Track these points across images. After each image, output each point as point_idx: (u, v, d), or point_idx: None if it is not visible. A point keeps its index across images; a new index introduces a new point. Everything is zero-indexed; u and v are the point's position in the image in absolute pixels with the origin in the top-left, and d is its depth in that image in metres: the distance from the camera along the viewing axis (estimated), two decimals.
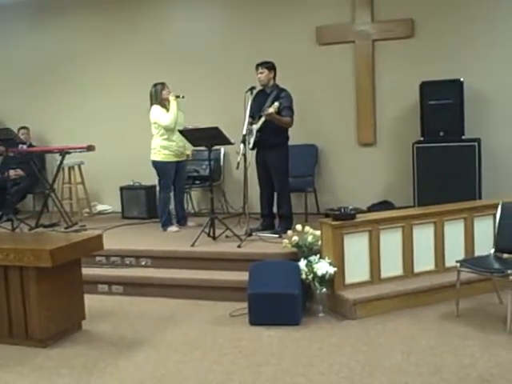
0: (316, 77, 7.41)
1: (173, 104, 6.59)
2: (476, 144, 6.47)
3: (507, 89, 6.81)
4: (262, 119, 6.09)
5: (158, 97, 6.65)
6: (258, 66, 6.28)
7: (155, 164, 6.72)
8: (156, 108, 6.64)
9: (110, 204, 8.43)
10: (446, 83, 6.57)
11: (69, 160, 7.66)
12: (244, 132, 6.05)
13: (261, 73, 6.26)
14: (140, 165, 7.63)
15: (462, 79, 6.54)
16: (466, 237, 5.42)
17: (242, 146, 6.02)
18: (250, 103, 6.12)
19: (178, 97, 6.62)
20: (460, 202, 5.64)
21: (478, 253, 5.33)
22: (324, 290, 4.87)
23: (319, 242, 5.21)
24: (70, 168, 8.07)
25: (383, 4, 7.12)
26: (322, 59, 7.38)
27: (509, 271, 4.36)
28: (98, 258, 5.98)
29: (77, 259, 4.71)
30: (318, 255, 5.04)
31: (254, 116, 6.21)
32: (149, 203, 7.74)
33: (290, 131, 6.32)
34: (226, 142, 6.08)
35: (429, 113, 6.63)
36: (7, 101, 8.77)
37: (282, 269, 4.96)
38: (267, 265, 5.05)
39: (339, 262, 4.96)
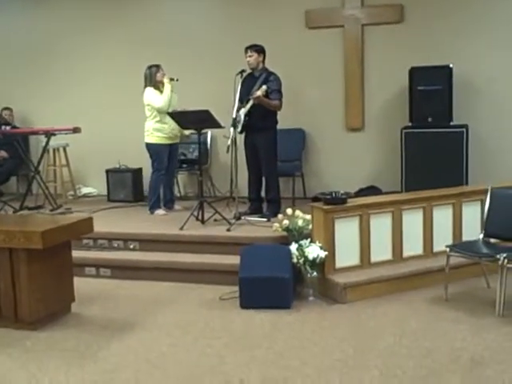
0: (305, 61, 7.38)
1: (167, 87, 6.53)
2: (464, 130, 6.51)
3: (496, 76, 6.86)
4: (250, 102, 6.05)
5: (152, 79, 6.59)
6: (247, 48, 6.24)
7: (148, 146, 6.67)
8: (149, 90, 6.57)
9: (95, 187, 8.36)
10: (435, 69, 6.60)
11: (54, 142, 7.57)
12: (234, 116, 6.03)
13: (250, 56, 6.22)
14: (126, 147, 7.60)
15: (451, 65, 6.56)
16: (454, 222, 5.47)
17: (231, 129, 6.00)
18: (239, 86, 6.08)
19: (172, 79, 6.56)
20: (447, 187, 5.68)
21: (465, 238, 5.39)
22: (315, 273, 4.89)
23: (309, 226, 5.21)
24: (55, 150, 7.99)
25: None
26: (310, 43, 7.36)
27: (497, 255, 4.41)
28: (85, 241, 5.93)
29: (67, 242, 4.67)
30: (309, 239, 5.05)
31: (243, 100, 6.18)
32: (135, 186, 7.69)
33: (279, 115, 6.30)
34: (216, 125, 6.03)
35: (417, 98, 6.65)
36: None
37: (273, 252, 4.97)
38: (258, 248, 5.06)
39: (330, 246, 4.98)
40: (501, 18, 6.81)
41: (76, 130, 7.22)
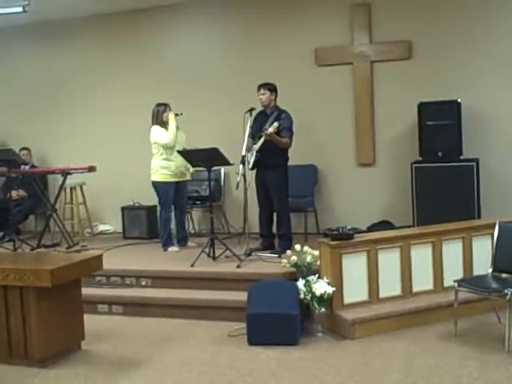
0: (315, 98, 7.48)
1: (171, 122, 6.65)
2: (474, 164, 6.51)
3: (504, 109, 6.88)
4: (262, 139, 6.14)
5: (158, 117, 6.72)
6: (260, 86, 6.36)
7: (155, 184, 6.77)
8: (155, 128, 6.71)
9: (111, 224, 8.47)
10: (443, 104, 6.63)
11: (71, 180, 7.71)
12: (243, 153, 6.11)
13: (262, 94, 6.33)
14: (141, 185, 7.67)
15: (459, 100, 6.59)
16: (464, 256, 5.44)
17: (241, 166, 6.07)
18: (249, 124, 6.19)
19: (177, 114, 6.68)
20: (459, 221, 5.67)
21: (476, 272, 5.34)
22: (323, 309, 4.88)
23: (318, 262, 5.22)
24: (72, 188, 8.14)
25: (381, 26, 7.21)
26: (320, 80, 7.46)
27: (505, 291, 4.38)
28: (98, 278, 6.00)
29: (77, 279, 4.74)
30: (317, 275, 5.06)
31: (255, 136, 6.28)
32: (150, 223, 7.78)
33: (290, 151, 6.37)
34: (224, 162, 6.13)
35: (427, 133, 6.67)
36: (9, 122, 8.86)
37: (280, 289, 4.98)
38: (266, 285, 5.07)
39: (338, 281, 4.98)
40: (508, 52, 6.84)
41: (91, 169, 7.36)
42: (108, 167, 7.87)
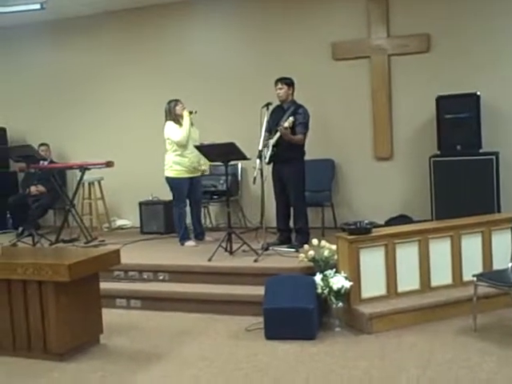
0: (332, 92, 7.46)
1: (186, 120, 6.66)
2: (494, 157, 6.44)
3: None
4: (278, 134, 6.13)
5: (171, 113, 6.74)
6: (277, 81, 6.34)
7: (168, 180, 6.80)
8: (169, 124, 6.72)
9: (129, 219, 8.51)
10: (462, 97, 6.57)
11: (89, 176, 7.76)
12: (260, 147, 6.10)
13: (280, 88, 6.31)
14: (158, 180, 7.66)
15: (478, 93, 6.53)
16: (483, 250, 5.38)
17: (258, 161, 6.06)
18: (266, 118, 6.18)
19: (191, 112, 6.69)
20: (478, 215, 5.61)
21: (496, 267, 5.28)
22: (340, 304, 4.87)
23: (335, 257, 5.20)
24: (90, 184, 8.19)
25: (398, 19, 7.17)
26: (337, 74, 7.43)
27: None
28: (116, 273, 6.03)
29: (95, 273, 4.76)
30: (334, 269, 5.04)
31: (271, 131, 6.26)
32: (167, 218, 7.78)
33: (307, 146, 6.36)
34: (241, 157, 6.13)
35: (445, 127, 6.62)
36: (28, 118, 8.94)
37: (297, 283, 4.96)
38: (283, 279, 5.06)
39: (355, 276, 4.96)
40: None
41: (109, 165, 7.40)
42: (125, 162, 7.92)
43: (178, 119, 6.72)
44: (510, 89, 6.81)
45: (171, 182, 6.78)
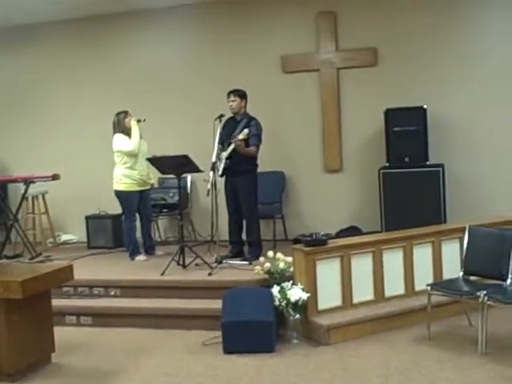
0: (282, 104, 7.51)
1: (134, 129, 6.56)
2: (440, 169, 6.62)
3: (469, 114, 7.02)
4: (232, 146, 6.12)
5: (120, 125, 6.63)
6: (229, 93, 6.32)
7: (118, 194, 6.67)
8: (118, 136, 6.60)
9: (74, 234, 8.29)
10: (409, 110, 6.73)
11: (32, 189, 7.53)
12: (213, 159, 6.07)
13: (233, 100, 6.30)
14: (106, 193, 7.52)
15: (425, 106, 6.70)
16: (434, 260, 5.50)
17: (211, 173, 6.03)
18: (219, 130, 6.15)
19: (139, 121, 6.60)
20: (426, 225, 5.74)
21: (446, 276, 5.41)
22: (297, 316, 4.87)
23: (291, 269, 5.21)
24: (34, 197, 7.93)
25: (347, 33, 7.29)
26: (287, 87, 7.49)
27: (477, 293, 4.44)
28: (65, 289, 5.85)
29: (46, 290, 4.61)
30: (291, 281, 5.04)
31: (224, 143, 6.25)
32: (115, 232, 7.63)
33: (258, 158, 6.36)
34: (195, 169, 6.08)
35: (394, 139, 6.77)
36: None
37: (255, 296, 4.95)
38: (241, 292, 5.02)
39: (312, 287, 4.97)
40: (472, 56, 7.00)
41: (55, 177, 7.21)
42: (72, 176, 7.74)
43: (126, 131, 6.61)
44: (456, 102, 7.02)
45: (121, 195, 6.65)
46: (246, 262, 6.06)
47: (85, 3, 7.49)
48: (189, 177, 7.79)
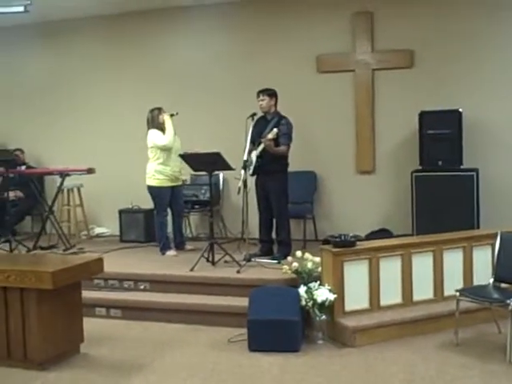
0: (316, 104, 7.49)
1: (168, 123, 6.63)
2: (474, 174, 6.53)
3: (505, 119, 6.91)
4: (261, 146, 6.14)
5: (154, 121, 6.71)
6: (259, 93, 6.35)
7: (150, 189, 6.74)
8: (153, 131, 6.68)
9: (108, 227, 8.42)
10: (444, 113, 6.65)
11: (68, 182, 7.67)
12: (245, 158, 6.10)
13: (262, 100, 6.32)
14: (139, 188, 7.61)
15: (460, 109, 6.62)
16: (464, 266, 5.44)
17: (242, 171, 6.06)
18: (251, 129, 6.18)
19: (172, 115, 6.66)
20: (458, 231, 5.68)
21: (476, 282, 5.34)
22: (324, 317, 4.87)
23: (319, 269, 5.21)
24: (69, 190, 8.08)
25: (383, 34, 7.24)
26: (322, 87, 7.47)
27: (507, 301, 4.38)
28: (96, 281, 5.95)
29: (77, 282, 4.70)
30: (318, 282, 5.05)
31: (255, 142, 6.27)
32: (147, 227, 7.73)
33: (290, 158, 6.36)
34: (226, 167, 6.11)
35: (427, 142, 6.69)
36: (7, 122, 8.80)
37: (282, 295, 4.96)
38: (267, 291, 5.04)
39: (339, 288, 4.97)
40: (510, 63, 6.88)
41: (90, 171, 7.34)
42: (106, 170, 7.83)
43: (161, 127, 6.69)
44: (491, 106, 6.92)
45: (153, 190, 6.73)
46: (275, 261, 6.07)
47: (120, 0, 7.60)
48: (221, 174, 7.84)
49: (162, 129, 6.68)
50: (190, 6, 7.86)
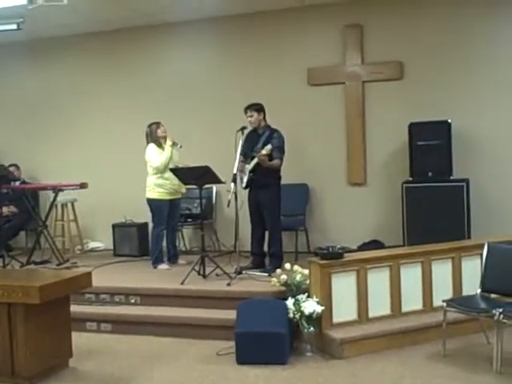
0: (307, 117, 7.54)
1: (167, 149, 6.70)
2: (464, 184, 6.55)
3: (495, 129, 6.94)
4: (255, 160, 6.17)
5: (153, 136, 6.77)
6: (246, 109, 6.39)
7: (149, 202, 6.79)
8: (151, 147, 6.74)
9: (102, 241, 8.44)
10: (434, 124, 6.69)
11: (62, 197, 7.71)
12: (235, 171, 6.13)
13: (250, 116, 6.36)
14: (132, 202, 7.71)
15: (449, 120, 6.65)
16: (453, 276, 5.45)
17: (232, 184, 6.08)
18: (241, 143, 6.21)
19: (175, 144, 6.72)
20: (449, 241, 5.68)
21: (465, 292, 5.34)
22: (312, 329, 4.87)
23: (308, 281, 5.22)
24: (63, 205, 8.11)
25: (373, 46, 7.30)
26: (312, 99, 7.52)
27: (493, 311, 4.38)
28: (87, 296, 5.97)
29: (65, 296, 4.71)
30: (306, 294, 5.05)
31: (247, 156, 6.30)
32: (141, 241, 7.75)
33: (282, 171, 6.39)
34: (216, 180, 6.15)
35: (417, 153, 6.73)
36: (1, 138, 8.85)
37: (269, 307, 4.97)
38: (255, 303, 5.05)
39: (327, 300, 4.97)
40: (498, 73, 6.93)
41: (83, 186, 7.38)
42: (99, 184, 7.89)
43: (159, 142, 6.75)
44: (481, 117, 6.95)
45: (152, 203, 6.78)
46: (266, 274, 6.07)
47: (111, 18, 7.70)
48: (214, 188, 7.87)
49: (160, 143, 6.74)
50: (178, 22, 7.93)
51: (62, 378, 4.58)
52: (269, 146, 6.10)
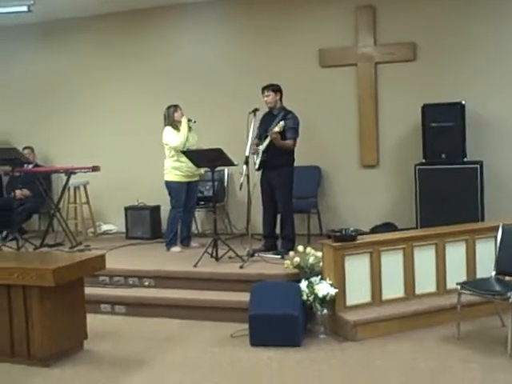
0: (319, 99, 7.47)
1: (183, 126, 6.69)
2: (478, 166, 6.50)
3: (508, 111, 6.86)
4: (268, 140, 6.15)
5: (170, 118, 6.77)
6: (263, 89, 6.36)
7: (167, 184, 6.82)
8: (168, 129, 6.75)
9: (114, 224, 8.46)
10: (447, 106, 6.62)
11: (74, 180, 7.72)
12: (247, 153, 6.11)
13: (267, 96, 6.33)
14: (145, 185, 7.72)
15: (463, 102, 6.58)
16: (467, 259, 5.42)
17: (244, 167, 6.06)
18: (253, 124, 6.18)
19: (190, 120, 6.71)
20: (462, 223, 5.66)
21: (479, 275, 5.31)
22: (325, 311, 4.88)
23: (321, 264, 5.22)
24: (76, 188, 8.13)
25: (385, 27, 7.21)
26: (324, 81, 7.46)
27: (508, 293, 4.37)
28: (101, 278, 6.00)
29: (79, 279, 4.74)
30: (320, 276, 5.05)
31: (261, 137, 6.28)
32: (153, 223, 7.78)
33: (295, 153, 6.35)
34: (228, 163, 6.14)
35: (431, 135, 6.67)
36: (13, 121, 8.85)
37: (283, 290, 4.98)
38: (268, 286, 5.06)
39: (340, 283, 4.97)
40: None
41: (95, 169, 7.38)
42: (112, 167, 7.89)
43: (176, 125, 6.75)
44: (494, 98, 6.88)
45: (170, 186, 6.80)
46: (279, 256, 6.08)
47: None
48: (226, 170, 7.86)
49: (176, 126, 6.75)
50: (192, 3, 7.86)
51: (77, 359, 4.63)
52: (281, 123, 6.06)
